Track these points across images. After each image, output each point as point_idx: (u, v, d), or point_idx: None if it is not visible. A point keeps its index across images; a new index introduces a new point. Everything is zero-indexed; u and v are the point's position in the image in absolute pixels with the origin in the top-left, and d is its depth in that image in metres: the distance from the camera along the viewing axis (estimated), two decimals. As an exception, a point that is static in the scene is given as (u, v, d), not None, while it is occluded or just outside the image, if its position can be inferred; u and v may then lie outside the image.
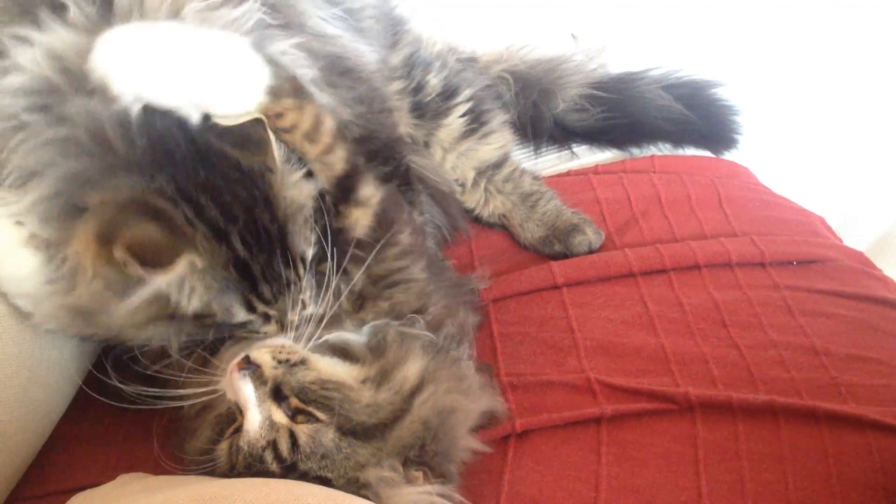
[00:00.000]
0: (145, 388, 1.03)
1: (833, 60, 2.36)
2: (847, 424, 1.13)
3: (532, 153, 1.81)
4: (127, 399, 1.26)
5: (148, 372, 1.06)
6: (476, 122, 1.59)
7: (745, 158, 1.86)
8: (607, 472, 1.09)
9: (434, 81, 1.54)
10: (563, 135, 1.81)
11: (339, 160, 1.05)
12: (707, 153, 1.82)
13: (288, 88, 0.98)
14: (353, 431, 0.98)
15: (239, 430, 0.97)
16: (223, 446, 0.98)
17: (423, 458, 1.00)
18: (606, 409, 1.17)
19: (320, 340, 1.05)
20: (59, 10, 0.94)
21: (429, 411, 1.02)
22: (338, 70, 1.21)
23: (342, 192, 1.06)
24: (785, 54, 2.36)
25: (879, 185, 2.53)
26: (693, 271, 1.43)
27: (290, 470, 0.95)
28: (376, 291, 1.12)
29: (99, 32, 0.88)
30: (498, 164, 1.62)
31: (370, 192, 1.09)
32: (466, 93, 1.57)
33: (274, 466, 0.94)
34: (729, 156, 1.84)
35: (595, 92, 1.78)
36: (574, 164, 1.79)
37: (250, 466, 0.95)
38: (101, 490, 1.00)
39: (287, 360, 0.99)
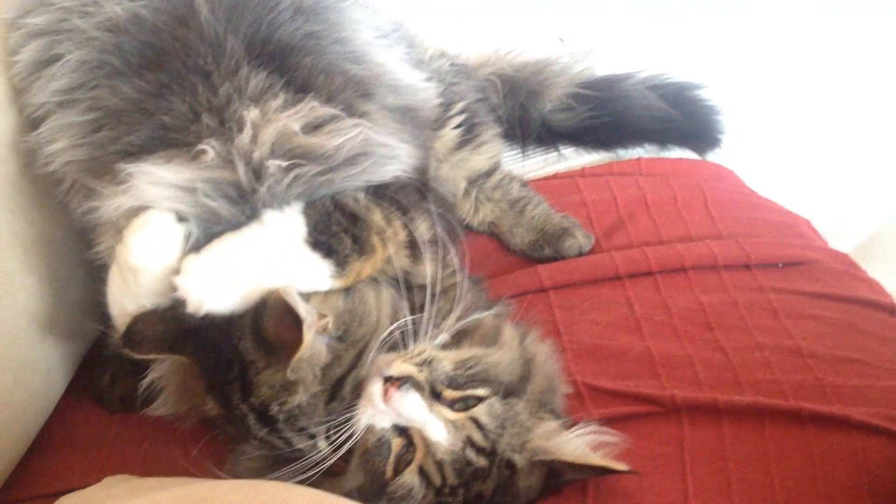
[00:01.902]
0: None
1: (819, 63, 2.37)
2: (832, 425, 1.13)
3: (520, 155, 1.82)
4: (114, 402, 1.27)
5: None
6: (469, 134, 1.59)
7: (732, 161, 1.87)
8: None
9: None
10: (550, 136, 1.82)
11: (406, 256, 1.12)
12: (692, 154, 1.83)
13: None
14: (508, 392, 1.02)
15: (408, 457, 0.97)
16: (407, 478, 0.96)
17: (549, 404, 1.08)
18: (594, 413, 1.17)
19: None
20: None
21: (541, 358, 1.10)
22: (410, 117, 1.26)
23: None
24: (771, 57, 2.37)
25: (865, 188, 2.55)
26: (679, 274, 1.43)
27: (492, 457, 0.98)
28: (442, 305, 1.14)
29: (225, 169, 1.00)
30: (489, 173, 1.63)
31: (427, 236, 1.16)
32: (460, 105, 1.58)
33: (481, 460, 0.97)
34: (715, 158, 1.85)
35: (581, 91, 1.79)
36: (561, 167, 1.79)
37: (461, 473, 0.96)
38: (87, 493, 1.00)
39: (425, 361, 1.00)
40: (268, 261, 0.97)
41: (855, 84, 2.40)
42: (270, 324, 0.94)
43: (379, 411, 0.96)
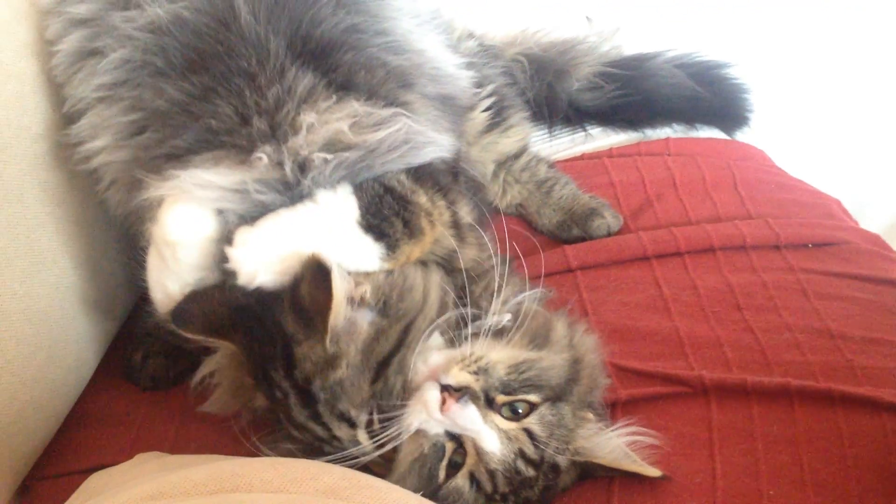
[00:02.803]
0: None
1: (849, 44, 2.34)
2: (862, 406, 1.13)
3: (547, 135, 1.81)
4: (145, 380, 1.28)
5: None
6: (498, 117, 1.59)
7: (761, 141, 1.85)
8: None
9: None
10: (577, 116, 1.81)
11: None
12: (720, 133, 1.81)
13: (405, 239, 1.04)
14: (556, 397, 1.02)
15: (457, 460, 0.97)
16: (459, 482, 0.97)
17: (589, 400, 1.08)
18: (621, 394, 1.17)
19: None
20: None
21: (589, 356, 1.09)
22: (449, 105, 1.26)
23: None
24: (801, 38, 2.34)
25: (895, 167, 2.52)
26: (708, 254, 1.42)
27: (540, 466, 0.98)
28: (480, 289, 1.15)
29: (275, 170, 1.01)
30: (517, 155, 1.62)
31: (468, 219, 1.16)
32: (489, 88, 1.57)
33: (530, 471, 0.97)
34: (744, 138, 1.83)
35: (609, 70, 1.78)
36: (588, 147, 1.78)
37: (511, 482, 0.97)
38: (119, 469, 1.01)
39: (480, 368, 0.99)
40: (321, 239, 0.97)
41: (885, 64, 2.37)
42: (305, 290, 0.94)
43: (435, 419, 0.96)
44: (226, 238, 0.99)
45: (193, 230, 0.99)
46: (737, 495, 1.04)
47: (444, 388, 0.96)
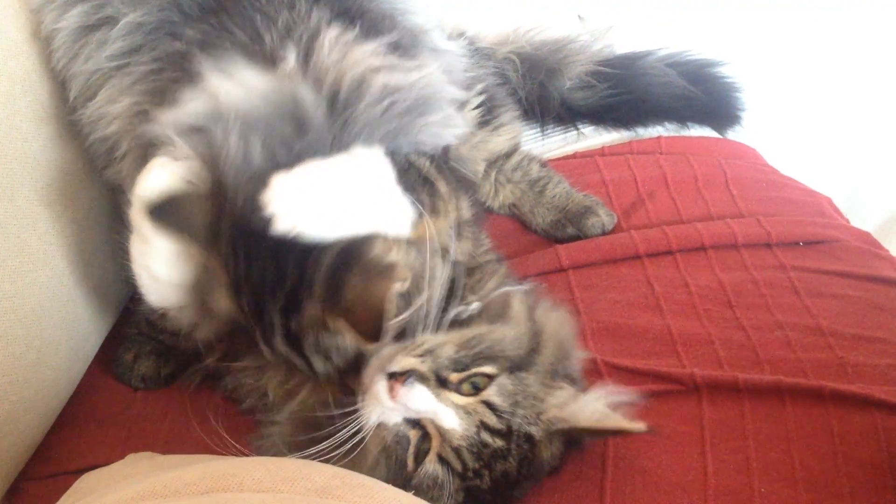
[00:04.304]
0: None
1: (841, 42, 2.35)
2: (853, 404, 1.13)
3: (539, 134, 1.81)
4: (135, 380, 1.28)
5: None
6: (489, 115, 1.59)
7: (752, 139, 1.86)
8: (614, 454, 1.09)
9: None
10: (569, 115, 1.81)
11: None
12: (712, 132, 1.82)
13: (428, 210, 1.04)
14: (517, 367, 1.01)
15: (425, 447, 0.97)
16: (429, 467, 0.96)
17: (562, 371, 1.07)
18: (613, 391, 1.17)
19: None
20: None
21: (552, 327, 1.09)
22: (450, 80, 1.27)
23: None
24: (793, 36, 2.35)
25: (887, 165, 2.52)
26: (699, 252, 1.43)
27: (509, 436, 0.97)
28: (472, 283, 1.15)
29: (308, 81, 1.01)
30: (508, 155, 1.62)
31: (468, 215, 1.17)
32: (479, 87, 1.57)
33: (497, 441, 0.96)
34: (735, 136, 1.83)
35: (600, 69, 1.78)
36: (580, 146, 1.78)
37: (480, 456, 0.96)
38: (110, 469, 1.01)
39: (426, 351, 0.99)
40: (361, 193, 0.97)
41: (876, 62, 2.38)
42: (355, 285, 0.93)
43: (388, 408, 0.95)
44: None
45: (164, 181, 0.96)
46: (728, 492, 1.04)
47: (391, 376, 0.96)
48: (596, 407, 1.02)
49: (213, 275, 0.98)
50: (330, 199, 0.95)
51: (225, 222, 0.95)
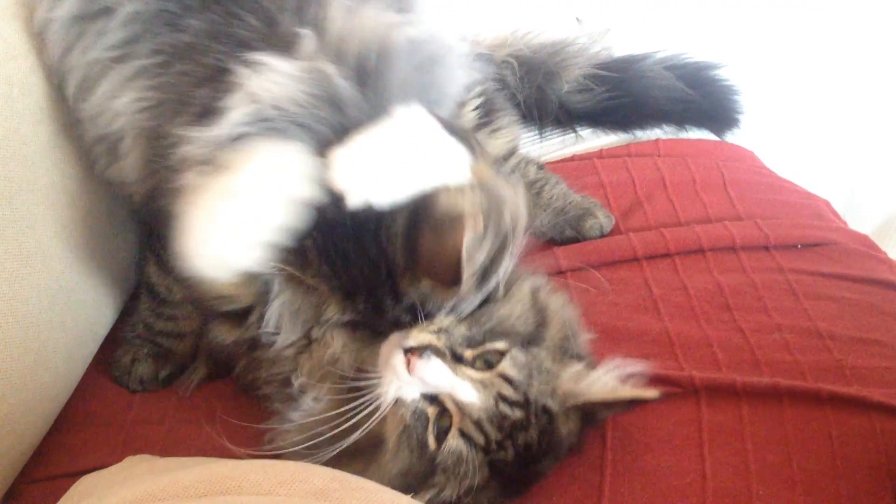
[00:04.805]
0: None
1: (837, 44, 2.35)
2: (851, 406, 1.13)
3: (537, 137, 1.81)
4: (133, 383, 1.28)
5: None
6: (487, 118, 1.58)
7: (750, 142, 1.86)
8: (612, 456, 1.09)
9: None
10: (567, 117, 1.82)
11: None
12: (710, 135, 1.82)
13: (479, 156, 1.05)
14: (528, 341, 1.03)
15: (445, 424, 0.97)
16: (452, 443, 0.96)
17: (572, 350, 1.08)
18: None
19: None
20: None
21: (555, 306, 1.10)
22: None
23: None
24: (790, 39, 2.35)
25: (884, 168, 2.53)
26: (697, 255, 1.43)
27: (527, 407, 0.98)
28: None
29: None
30: (505, 157, 1.62)
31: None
32: (477, 90, 1.57)
33: (517, 412, 0.97)
34: (734, 139, 1.84)
35: (598, 72, 1.79)
36: (579, 148, 1.78)
37: (501, 427, 0.97)
38: (108, 472, 1.00)
39: (440, 329, 1.00)
40: (416, 148, 0.98)
41: (874, 64, 2.38)
42: (428, 243, 0.95)
43: (405, 382, 0.96)
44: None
45: (296, 159, 0.96)
46: (726, 495, 1.04)
47: (408, 351, 0.97)
48: (607, 380, 1.03)
49: (317, 293, 1.03)
50: (389, 162, 0.96)
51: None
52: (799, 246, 1.45)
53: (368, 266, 0.99)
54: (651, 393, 1.03)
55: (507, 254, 1.02)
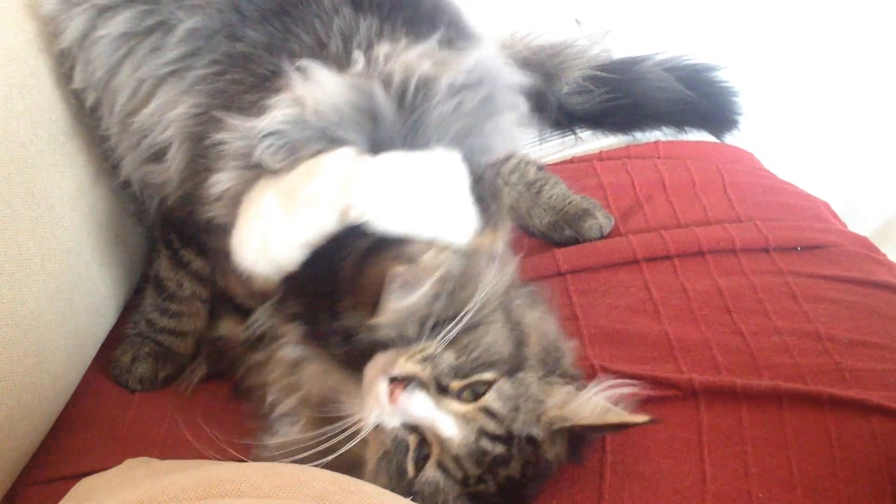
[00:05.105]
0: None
1: (837, 46, 2.35)
2: (851, 409, 1.13)
3: (537, 139, 1.81)
4: (132, 382, 1.28)
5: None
6: None
7: (750, 144, 1.86)
8: (612, 460, 1.09)
9: None
10: (567, 119, 1.82)
11: None
12: (709, 137, 1.82)
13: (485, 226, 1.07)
14: (511, 369, 1.01)
15: (425, 452, 0.96)
16: (429, 474, 0.95)
17: (558, 369, 1.07)
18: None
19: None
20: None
21: (531, 319, 1.09)
22: None
23: None
24: (789, 40, 2.35)
25: (884, 170, 2.53)
26: (697, 257, 1.43)
27: (510, 441, 0.97)
28: None
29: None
30: (506, 158, 1.62)
31: None
32: None
33: (497, 448, 0.96)
34: (733, 141, 1.84)
35: (598, 73, 1.79)
36: (578, 150, 1.78)
37: (480, 463, 0.96)
38: (107, 475, 1.00)
39: (427, 357, 0.98)
40: (436, 194, 0.99)
41: (873, 66, 2.38)
42: (371, 278, 0.96)
43: (386, 412, 0.95)
44: None
45: (346, 167, 0.98)
46: (726, 498, 1.04)
47: (392, 380, 0.95)
48: (597, 402, 1.01)
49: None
50: (406, 193, 0.97)
51: None
52: (799, 248, 1.44)
53: (320, 276, 0.99)
54: (641, 418, 1.01)
55: (457, 322, 1.00)
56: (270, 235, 0.98)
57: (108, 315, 1.33)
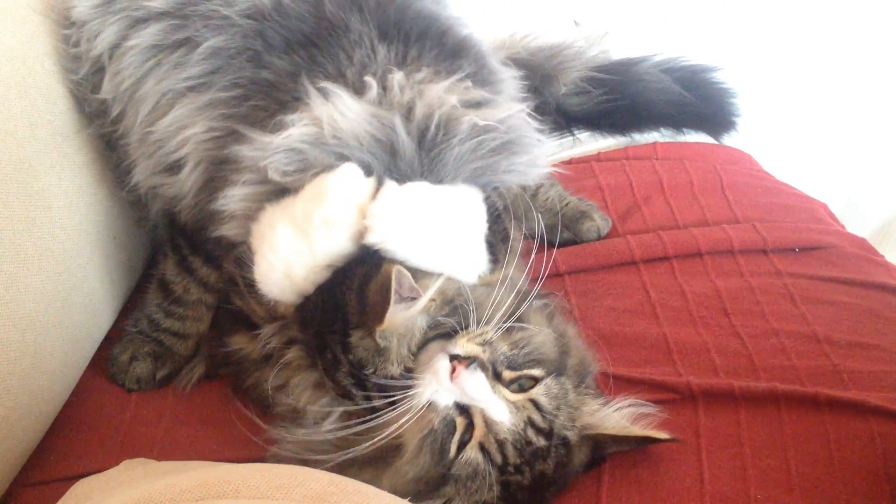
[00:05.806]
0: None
1: (836, 48, 2.36)
2: (848, 410, 1.13)
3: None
4: (130, 381, 1.28)
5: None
6: None
7: (748, 145, 1.86)
8: (610, 463, 1.09)
9: None
10: (565, 120, 1.81)
11: None
12: (707, 138, 1.82)
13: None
14: (556, 371, 1.04)
15: (467, 438, 0.97)
16: (470, 454, 0.97)
17: (586, 381, 1.10)
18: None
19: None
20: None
21: (572, 333, 1.13)
22: None
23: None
24: (788, 42, 2.35)
25: (882, 172, 2.53)
26: (695, 258, 1.43)
27: (550, 437, 0.99)
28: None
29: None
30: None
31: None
32: None
33: (541, 440, 0.99)
34: (731, 142, 1.84)
35: (596, 74, 1.79)
36: (576, 151, 1.78)
37: (522, 453, 0.98)
38: (105, 476, 1.00)
39: (486, 341, 1.00)
40: (454, 233, 1.01)
41: (871, 68, 2.38)
42: (373, 288, 0.96)
43: (444, 388, 0.96)
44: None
45: (355, 186, 0.98)
46: (725, 499, 1.04)
47: (453, 358, 0.97)
48: (619, 417, 1.05)
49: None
50: (427, 226, 0.98)
51: None
52: (797, 249, 1.45)
53: (328, 309, 1.00)
54: (663, 434, 1.04)
55: (511, 313, 1.03)
56: (292, 265, 1.00)
57: (106, 316, 1.33)
